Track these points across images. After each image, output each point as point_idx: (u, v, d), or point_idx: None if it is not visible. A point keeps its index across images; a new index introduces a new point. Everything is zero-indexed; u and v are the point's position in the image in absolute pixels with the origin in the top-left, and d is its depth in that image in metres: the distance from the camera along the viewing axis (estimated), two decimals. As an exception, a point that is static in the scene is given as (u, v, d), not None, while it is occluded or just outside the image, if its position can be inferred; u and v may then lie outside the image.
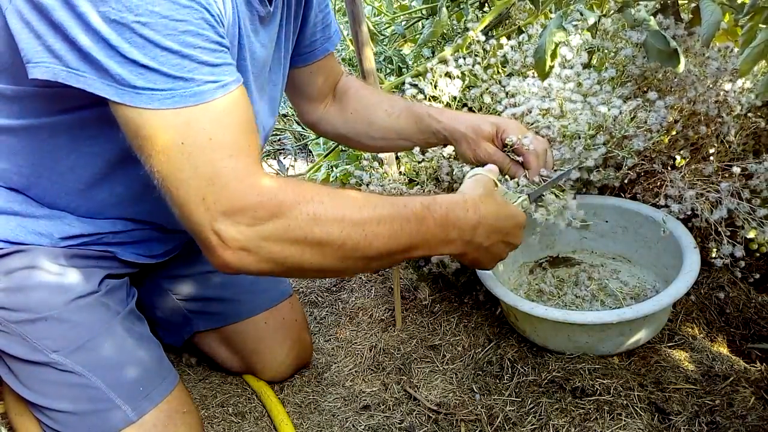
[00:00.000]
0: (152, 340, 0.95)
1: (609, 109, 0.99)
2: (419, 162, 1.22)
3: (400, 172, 1.23)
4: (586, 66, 1.05)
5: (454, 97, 1.15)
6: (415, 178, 1.24)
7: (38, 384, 0.85)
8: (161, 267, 1.05)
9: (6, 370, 0.88)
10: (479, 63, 1.23)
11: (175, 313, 1.10)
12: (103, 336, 0.87)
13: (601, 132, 1.01)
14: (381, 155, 1.23)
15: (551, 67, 1.03)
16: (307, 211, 0.68)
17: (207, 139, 0.65)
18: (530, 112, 1.05)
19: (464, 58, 1.21)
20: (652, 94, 1.02)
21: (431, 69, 1.20)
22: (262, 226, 0.66)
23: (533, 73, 1.13)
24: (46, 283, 0.85)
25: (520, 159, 0.97)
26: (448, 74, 1.16)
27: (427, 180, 1.23)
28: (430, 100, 1.18)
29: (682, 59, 0.96)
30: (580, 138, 1.00)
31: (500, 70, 1.25)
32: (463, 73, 1.21)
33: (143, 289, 1.06)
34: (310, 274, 0.74)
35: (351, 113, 1.11)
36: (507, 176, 0.98)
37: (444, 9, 1.37)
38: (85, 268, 0.88)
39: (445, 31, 1.37)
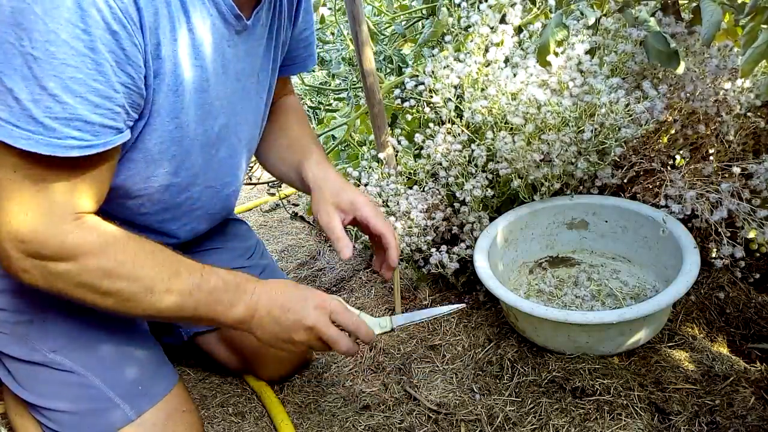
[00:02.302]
0: (151, 339, 0.94)
1: (600, 96, 0.98)
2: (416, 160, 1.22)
3: (399, 173, 1.23)
4: (588, 52, 1.05)
5: (455, 87, 1.15)
6: (413, 177, 1.24)
7: (37, 384, 0.85)
8: None
9: (5, 372, 0.88)
10: (479, 63, 1.23)
11: None
12: (102, 336, 0.87)
13: (591, 121, 1.00)
14: (381, 154, 1.23)
15: (556, 53, 1.04)
16: (101, 265, 0.73)
17: (47, 186, 0.69)
18: (529, 77, 1.05)
19: (465, 54, 1.21)
20: (646, 84, 1.02)
21: (432, 57, 1.20)
22: (53, 264, 0.71)
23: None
24: None
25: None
26: (448, 67, 1.16)
27: (426, 177, 1.23)
28: (430, 93, 1.17)
29: (682, 61, 0.96)
30: (569, 125, 1.00)
31: (501, 67, 1.24)
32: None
33: None
34: (97, 309, 0.78)
35: (270, 134, 1.11)
36: (336, 250, 0.94)
37: (444, 9, 1.37)
38: None
39: (445, 30, 1.37)
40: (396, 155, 1.25)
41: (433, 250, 1.15)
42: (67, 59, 0.63)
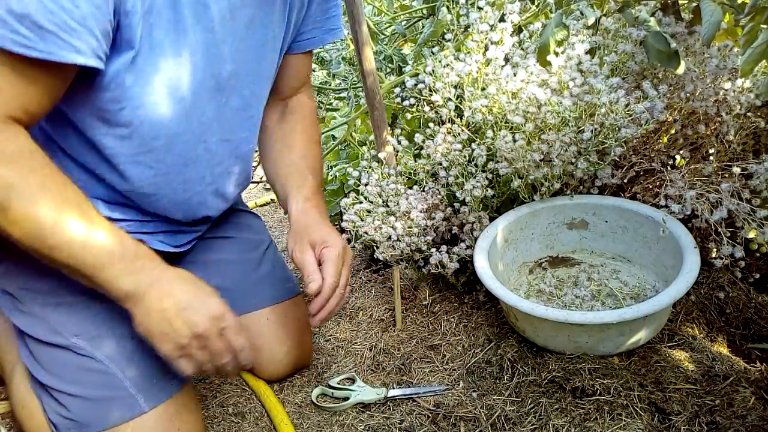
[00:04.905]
0: None
1: (600, 96, 0.98)
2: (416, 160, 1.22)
3: (399, 173, 1.23)
4: (588, 52, 1.05)
5: (455, 86, 1.15)
6: (413, 177, 1.24)
7: (56, 366, 0.86)
8: (170, 256, 1.05)
9: (26, 352, 0.89)
10: (479, 61, 1.23)
11: None
12: (124, 327, 0.87)
13: (591, 121, 1.00)
14: (381, 154, 1.23)
15: (556, 52, 1.04)
16: (3, 174, 0.69)
17: None
18: (530, 76, 1.05)
19: (465, 54, 1.21)
20: (646, 84, 1.02)
21: (432, 55, 1.20)
22: None
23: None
24: None
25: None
26: (448, 65, 1.16)
27: (426, 177, 1.23)
28: (430, 92, 1.17)
29: (682, 61, 0.96)
30: (569, 124, 1.00)
31: (501, 65, 1.24)
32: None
33: None
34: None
35: (276, 142, 1.08)
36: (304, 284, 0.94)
37: (444, 8, 1.37)
38: None
39: (445, 29, 1.37)
40: (396, 155, 1.25)
41: (433, 250, 1.15)
42: None
